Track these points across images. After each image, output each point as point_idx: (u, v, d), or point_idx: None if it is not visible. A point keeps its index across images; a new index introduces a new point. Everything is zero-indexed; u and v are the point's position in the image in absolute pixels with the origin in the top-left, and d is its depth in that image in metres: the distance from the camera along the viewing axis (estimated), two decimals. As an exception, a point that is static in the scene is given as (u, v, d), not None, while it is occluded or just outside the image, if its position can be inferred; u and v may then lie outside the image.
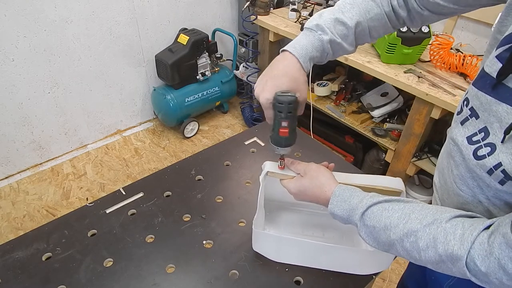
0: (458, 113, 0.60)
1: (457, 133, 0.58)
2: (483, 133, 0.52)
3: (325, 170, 0.72)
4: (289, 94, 0.66)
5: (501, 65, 0.49)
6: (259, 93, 0.69)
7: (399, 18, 0.73)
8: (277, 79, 0.68)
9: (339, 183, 0.69)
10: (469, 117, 0.56)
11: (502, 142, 0.49)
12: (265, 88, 0.68)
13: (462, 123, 0.57)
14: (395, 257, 0.79)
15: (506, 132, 0.48)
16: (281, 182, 0.77)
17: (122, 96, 2.49)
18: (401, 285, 0.99)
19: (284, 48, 0.70)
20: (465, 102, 0.57)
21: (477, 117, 0.54)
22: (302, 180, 0.73)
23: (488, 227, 0.50)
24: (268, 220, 0.94)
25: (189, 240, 0.88)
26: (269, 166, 0.80)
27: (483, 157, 0.51)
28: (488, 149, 0.51)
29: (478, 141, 0.53)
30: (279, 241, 0.82)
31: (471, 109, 0.55)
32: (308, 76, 2.02)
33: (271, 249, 0.84)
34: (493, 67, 0.51)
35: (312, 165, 0.74)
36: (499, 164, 0.49)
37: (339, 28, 0.69)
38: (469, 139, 0.55)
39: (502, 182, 0.50)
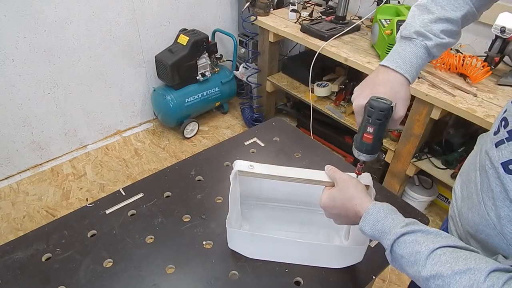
0: (495, 133, 0.55)
1: (492, 154, 0.54)
2: None
3: (357, 182, 0.69)
4: (384, 101, 0.63)
5: None
6: (354, 99, 0.68)
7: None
8: (376, 88, 0.66)
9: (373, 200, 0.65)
10: (505, 140, 0.52)
11: None
12: (362, 95, 0.67)
13: (497, 145, 0.53)
14: (368, 245, 0.78)
15: None
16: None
17: (122, 96, 2.49)
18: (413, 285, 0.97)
19: (384, 63, 0.66)
20: (503, 123, 0.53)
21: None
22: (332, 190, 0.70)
23: None
24: (244, 217, 0.95)
25: (189, 241, 0.87)
26: (239, 165, 0.80)
27: None
28: None
29: None
30: (253, 239, 0.83)
31: (510, 132, 0.52)
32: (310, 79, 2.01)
33: (245, 246, 0.84)
34: None
35: (344, 175, 0.70)
36: None
37: (443, 26, 0.65)
38: (506, 167, 0.51)
39: None
